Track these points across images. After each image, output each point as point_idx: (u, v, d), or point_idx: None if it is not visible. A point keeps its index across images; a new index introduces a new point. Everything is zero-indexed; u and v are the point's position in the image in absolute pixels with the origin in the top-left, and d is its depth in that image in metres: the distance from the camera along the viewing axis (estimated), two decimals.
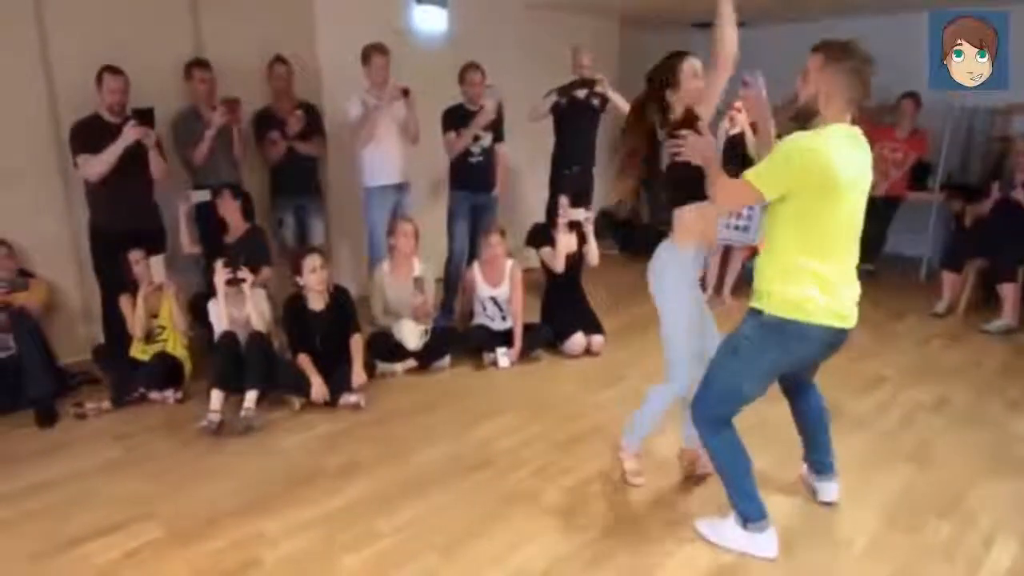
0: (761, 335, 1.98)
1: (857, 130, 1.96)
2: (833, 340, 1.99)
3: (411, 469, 2.66)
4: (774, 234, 1.99)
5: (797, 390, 2.36)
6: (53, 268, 3.63)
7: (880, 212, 5.51)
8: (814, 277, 1.91)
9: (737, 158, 4.44)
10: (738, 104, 4.40)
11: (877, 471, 2.69)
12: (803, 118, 1.99)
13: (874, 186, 6.00)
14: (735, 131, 4.42)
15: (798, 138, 1.88)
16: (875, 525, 2.33)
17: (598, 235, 6.90)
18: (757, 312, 2.01)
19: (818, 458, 2.44)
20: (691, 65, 2.22)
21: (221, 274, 3.13)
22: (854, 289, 1.99)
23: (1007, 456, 2.82)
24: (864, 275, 2.06)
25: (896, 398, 3.39)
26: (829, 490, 2.44)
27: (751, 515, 2.14)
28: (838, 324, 1.95)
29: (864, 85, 1.91)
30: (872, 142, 5.93)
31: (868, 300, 2.09)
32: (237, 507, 2.40)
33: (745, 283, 5.04)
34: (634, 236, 6.64)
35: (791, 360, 2.03)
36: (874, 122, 5.64)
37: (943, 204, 5.45)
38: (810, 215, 1.90)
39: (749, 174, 1.92)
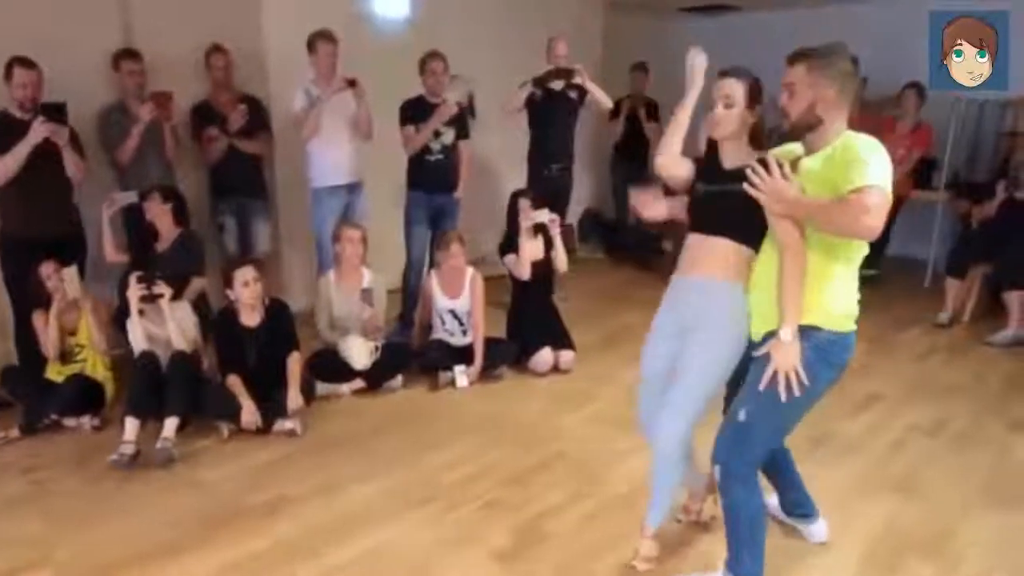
0: (817, 358, 1.87)
1: None
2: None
3: (345, 505, 2.57)
4: (819, 253, 1.86)
5: None
6: None
7: None
8: (854, 279, 1.92)
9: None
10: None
11: (861, 503, 2.62)
12: (799, 134, 1.93)
13: None
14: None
15: (869, 141, 1.81)
16: (853, 567, 2.26)
17: (583, 237, 6.96)
18: (807, 331, 1.86)
19: (798, 497, 2.34)
20: None
21: (134, 289, 3.03)
22: None
23: (1004, 485, 2.77)
24: (866, 280, 2.00)
25: (889, 419, 3.34)
26: (820, 529, 2.36)
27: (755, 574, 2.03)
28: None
29: (856, 81, 1.90)
30: (873, 136, 5.87)
31: (868, 309, 2.01)
32: (144, 551, 2.30)
33: None
34: (621, 238, 6.59)
35: (837, 376, 1.97)
36: (876, 115, 5.61)
37: (949, 204, 5.42)
38: None
39: (875, 182, 1.71)
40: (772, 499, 2.44)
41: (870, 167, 1.74)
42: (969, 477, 2.82)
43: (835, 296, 1.89)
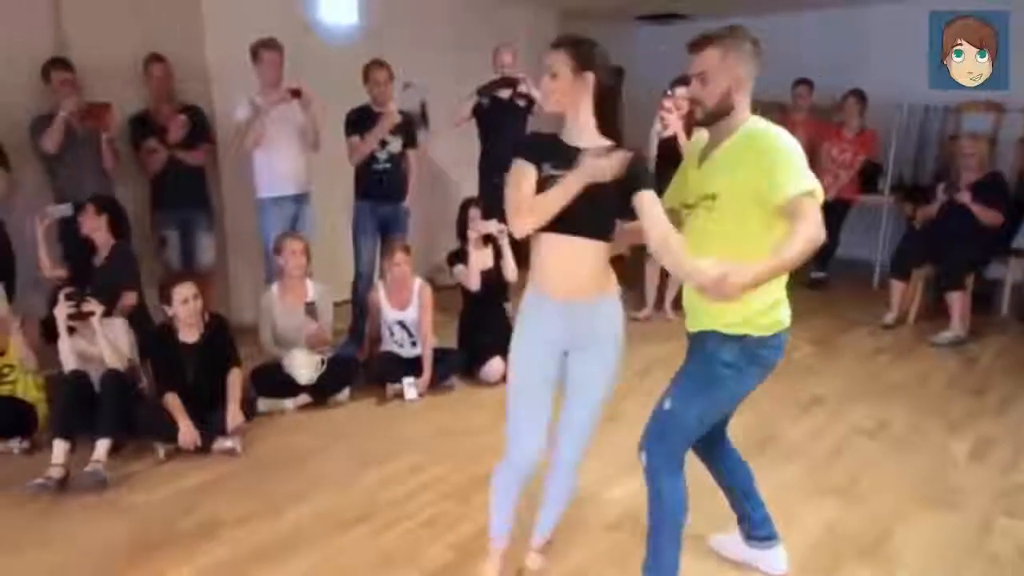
0: (747, 360, 1.87)
1: None
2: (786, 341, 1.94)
3: (279, 527, 2.50)
4: (742, 247, 1.77)
5: (716, 445, 2.20)
6: None
7: (830, 216, 5.55)
8: (780, 281, 1.85)
9: (673, 163, 4.43)
10: (669, 105, 4.38)
11: (801, 507, 2.63)
12: (713, 122, 1.86)
13: (824, 189, 6.07)
14: (667, 133, 4.41)
15: (780, 133, 1.77)
16: (791, 573, 2.26)
17: None
18: (735, 337, 1.85)
19: (760, 515, 2.25)
20: None
21: (62, 307, 2.92)
22: None
23: (940, 486, 2.80)
24: (815, 283, 1.96)
25: (832, 422, 3.36)
26: (780, 556, 2.27)
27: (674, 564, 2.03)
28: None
29: (759, 63, 1.83)
30: (819, 142, 5.97)
31: (815, 310, 2.00)
32: None
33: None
34: None
35: (765, 375, 1.95)
36: (821, 121, 5.72)
37: (894, 207, 5.52)
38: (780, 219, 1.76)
39: (808, 192, 1.69)
40: (724, 536, 2.37)
41: (795, 167, 1.70)
42: (906, 479, 2.85)
43: (759, 302, 1.82)
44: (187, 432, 2.95)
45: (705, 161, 1.88)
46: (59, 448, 2.75)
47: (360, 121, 4.03)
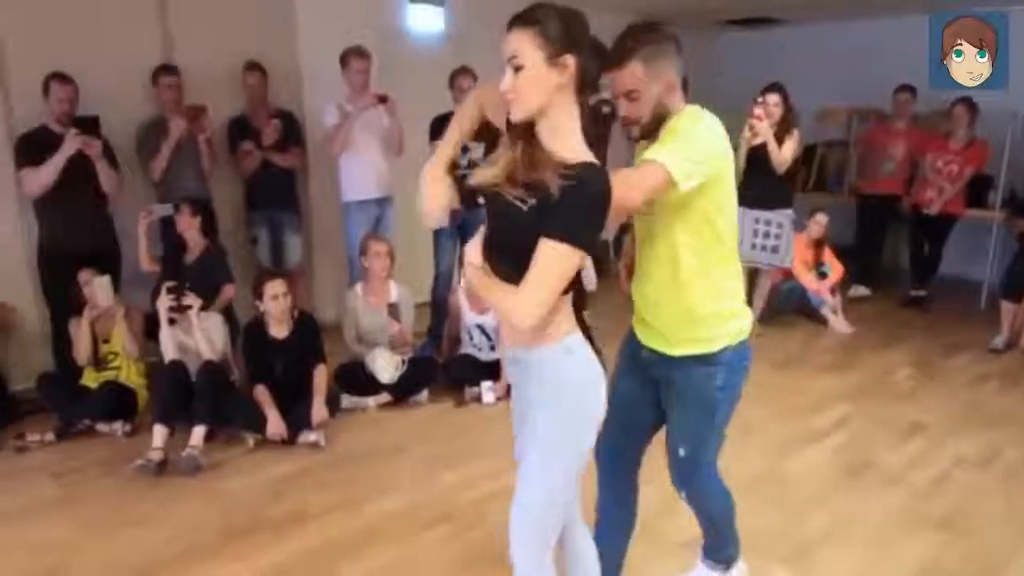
0: (734, 375, 1.81)
1: None
2: None
3: (361, 521, 2.58)
4: (689, 247, 1.72)
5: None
6: (8, 287, 3.67)
7: (934, 231, 5.31)
8: (739, 281, 1.83)
9: (762, 171, 4.34)
10: (759, 112, 4.29)
11: (900, 540, 2.51)
12: (651, 134, 1.72)
13: (928, 203, 5.78)
14: (757, 141, 4.31)
15: (700, 120, 1.67)
16: None
17: (616, 251, 6.89)
18: (716, 356, 1.77)
19: None
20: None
21: (164, 300, 3.13)
22: None
23: None
24: (914, 301, 1.85)
25: (935, 450, 3.19)
26: None
27: (736, 554, 2.12)
28: None
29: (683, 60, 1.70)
30: (924, 153, 5.74)
31: (917, 331, 1.90)
32: (165, 557, 2.36)
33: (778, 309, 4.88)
34: None
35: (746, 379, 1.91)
36: (925, 131, 5.45)
37: (1005, 223, 5.20)
38: (724, 210, 1.72)
39: (659, 164, 1.57)
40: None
41: (678, 147, 1.59)
42: (1019, 515, 2.67)
43: (733, 304, 1.79)
44: (275, 424, 3.09)
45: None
46: (158, 433, 2.94)
47: (443, 128, 4.12)
